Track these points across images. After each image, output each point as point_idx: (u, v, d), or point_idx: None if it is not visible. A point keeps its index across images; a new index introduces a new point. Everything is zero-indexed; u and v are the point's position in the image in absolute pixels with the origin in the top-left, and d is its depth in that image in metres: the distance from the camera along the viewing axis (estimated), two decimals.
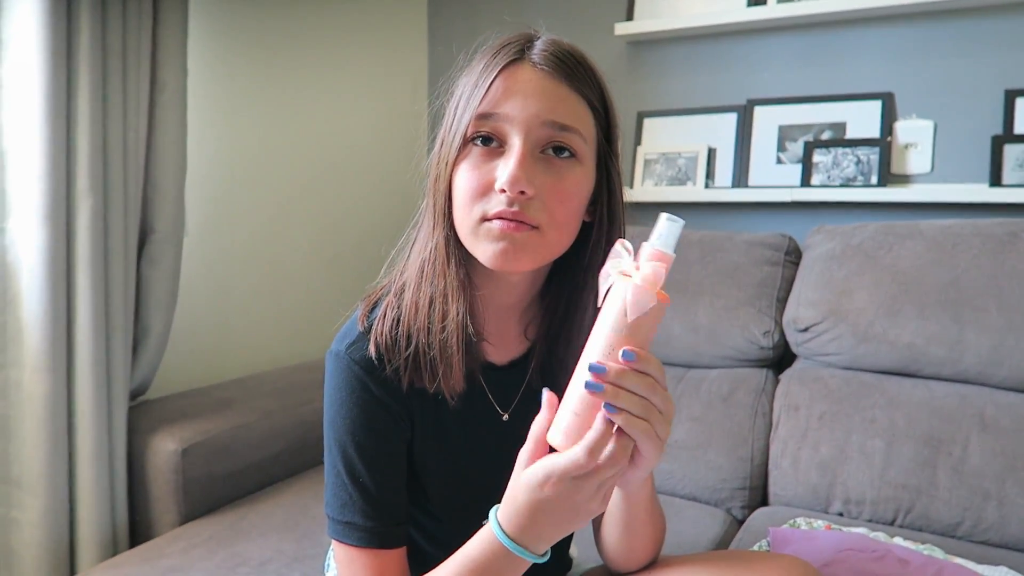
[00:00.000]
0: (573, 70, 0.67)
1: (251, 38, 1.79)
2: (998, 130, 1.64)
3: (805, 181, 1.78)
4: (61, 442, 1.30)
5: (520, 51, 0.68)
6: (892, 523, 1.30)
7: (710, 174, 1.92)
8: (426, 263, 0.71)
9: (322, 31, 1.97)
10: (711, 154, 1.92)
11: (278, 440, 1.52)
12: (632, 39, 2.00)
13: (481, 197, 0.66)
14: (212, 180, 1.71)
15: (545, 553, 0.65)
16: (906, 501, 1.29)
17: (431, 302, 0.71)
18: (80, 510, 1.33)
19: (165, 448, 1.36)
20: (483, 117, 0.66)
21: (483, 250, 0.67)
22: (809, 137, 1.82)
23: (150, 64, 1.42)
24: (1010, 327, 1.32)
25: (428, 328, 0.71)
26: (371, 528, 0.73)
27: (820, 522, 1.26)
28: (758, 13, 1.80)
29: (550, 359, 0.79)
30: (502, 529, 0.64)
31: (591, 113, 0.69)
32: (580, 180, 0.68)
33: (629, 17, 1.99)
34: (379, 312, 0.74)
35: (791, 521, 1.27)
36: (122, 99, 1.36)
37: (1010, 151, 1.61)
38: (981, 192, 1.61)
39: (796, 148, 1.83)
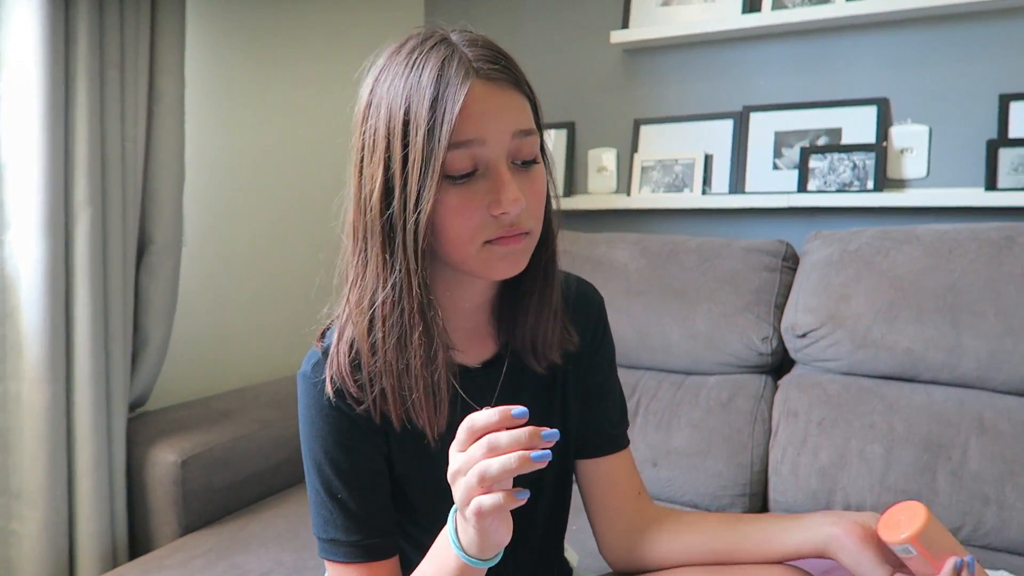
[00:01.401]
0: (511, 70, 0.66)
1: (248, 47, 1.79)
2: (993, 134, 1.65)
3: (802, 187, 1.79)
4: (60, 454, 1.30)
5: (468, 69, 0.63)
6: None
7: (707, 180, 1.93)
8: (387, 308, 0.67)
9: (319, 40, 1.98)
10: (708, 160, 1.93)
11: (278, 451, 1.52)
12: (628, 47, 2.00)
13: (480, 229, 0.65)
14: (210, 190, 1.71)
15: (490, 559, 0.64)
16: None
17: (401, 347, 0.68)
18: (79, 522, 1.33)
19: (164, 459, 1.36)
20: (456, 147, 0.62)
21: (486, 269, 0.68)
22: (805, 143, 1.82)
23: (148, 74, 1.42)
24: (1008, 331, 1.32)
25: (396, 372, 0.69)
26: (356, 542, 0.73)
27: None
28: (753, 20, 1.81)
29: (523, 351, 0.78)
30: (451, 518, 0.65)
31: (528, 104, 0.69)
32: (542, 173, 0.70)
33: (625, 25, 1.99)
34: (331, 354, 0.72)
35: None
36: (120, 109, 1.36)
37: (1005, 155, 1.61)
38: (977, 196, 1.61)
39: (792, 154, 1.84)
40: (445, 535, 0.65)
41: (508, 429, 0.57)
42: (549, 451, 0.56)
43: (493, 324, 0.79)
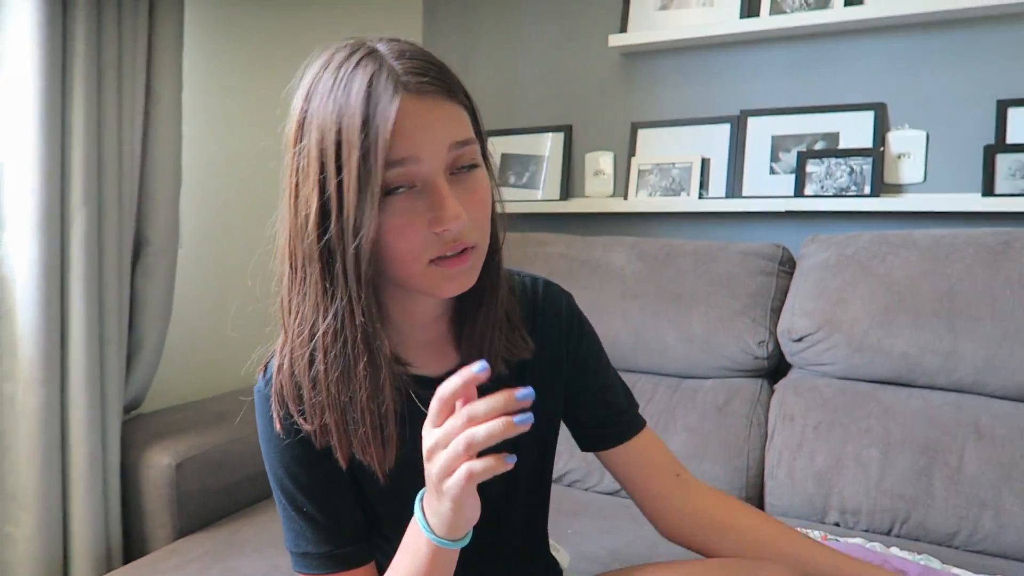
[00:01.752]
0: (443, 80, 0.63)
1: (246, 49, 1.79)
2: (990, 140, 1.65)
3: (799, 191, 1.79)
4: (55, 456, 1.30)
5: (397, 85, 0.60)
6: (888, 533, 1.30)
7: (704, 184, 1.93)
8: (329, 339, 0.65)
9: (317, 42, 1.98)
10: (705, 164, 1.93)
11: None
12: (626, 50, 2.01)
13: (423, 247, 0.63)
14: (207, 192, 1.71)
15: (461, 539, 0.64)
16: (902, 511, 1.29)
17: (345, 380, 0.66)
18: (74, 525, 1.32)
19: (159, 462, 1.36)
20: (391, 166, 0.60)
21: (434, 288, 0.66)
22: (802, 147, 1.82)
23: (145, 76, 1.42)
24: (1004, 336, 1.32)
25: (340, 405, 0.67)
26: (326, 553, 0.73)
27: (816, 532, 1.26)
28: (751, 25, 1.81)
29: (489, 352, 0.75)
30: (419, 504, 0.65)
31: (465, 111, 0.66)
32: (484, 180, 0.67)
33: (623, 29, 2.00)
34: (273, 388, 0.71)
35: None
36: (117, 111, 1.36)
37: (1002, 160, 1.62)
38: (974, 201, 1.62)
39: (789, 158, 1.84)
40: (415, 524, 0.65)
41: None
42: (531, 414, 0.56)
43: (453, 333, 0.77)
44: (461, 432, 0.56)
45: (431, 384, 0.74)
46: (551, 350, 0.82)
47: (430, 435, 0.59)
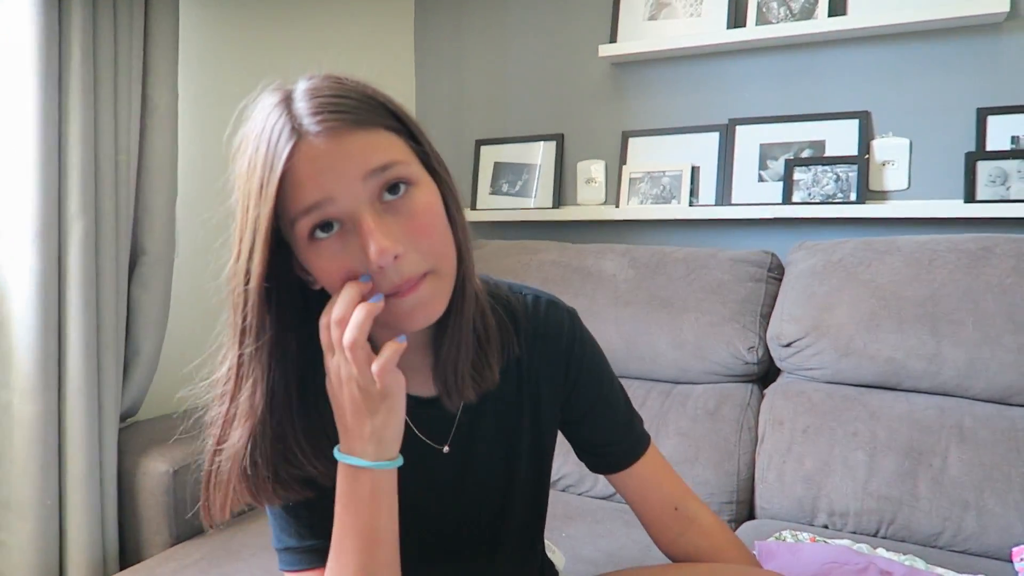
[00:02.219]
0: (350, 110, 0.61)
1: (241, 57, 1.81)
2: (971, 147, 1.69)
3: (786, 198, 1.82)
4: (51, 464, 1.31)
5: (292, 132, 0.60)
6: (875, 534, 1.32)
7: (694, 192, 1.96)
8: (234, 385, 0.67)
9: (311, 51, 2.00)
10: (695, 172, 1.96)
11: None
12: (616, 60, 2.04)
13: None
14: (203, 201, 1.72)
15: (396, 457, 0.66)
16: (888, 512, 1.31)
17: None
18: (70, 532, 1.33)
19: (156, 469, 1.37)
20: (306, 213, 0.60)
21: (402, 322, 0.64)
22: (789, 155, 1.86)
23: (141, 85, 1.44)
24: (985, 340, 1.35)
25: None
26: (309, 547, 0.73)
27: (805, 535, 1.28)
28: (738, 35, 1.85)
29: (455, 378, 0.73)
30: (339, 450, 0.66)
31: (392, 132, 0.63)
32: (428, 200, 0.64)
33: (613, 39, 2.03)
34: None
35: (777, 534, 1.29)
36: (113, 121, 1.37)
37: (983, 168, 1.65)
38: (956, 208, 1.65)
39: (777, 166, 1.87)
40: (342, 471, 0.66)
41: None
42: (379, 295, 0.61)
43: (439, 357, 0.74)
44: (340, 340, 0.61)
45: (423, 403, 0.75)
46: (550, 369, 0.81)
47: (334, 362, 0.63)
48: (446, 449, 0.78)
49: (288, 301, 0.67)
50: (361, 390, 0.62)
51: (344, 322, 0.60)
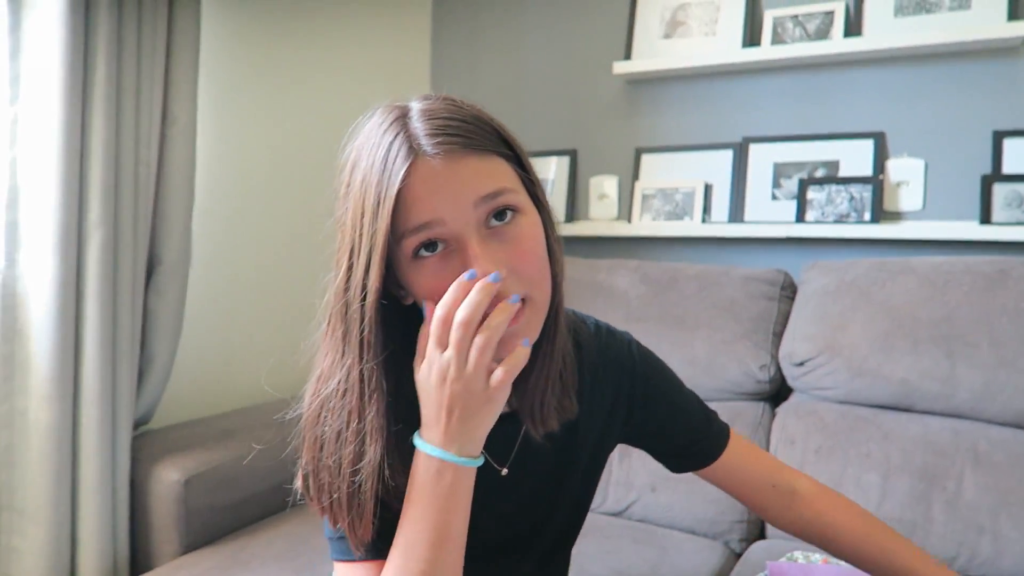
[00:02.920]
0: (466, 135, 0.62)
1: (259, 69, 1.83)
2: (987, 170, 1.68)
3: (800, 217, 1.82)
4: (65, 471, 1.31)
5: (409, 151, 0.61)
6: None
7: (707, 209, 1.96)
8: (336, 398, 0.67)
9: (329, 64, 2.02)
10: (708, 190, 1.96)
11: (280, 471, 1.53)
12: (631, 78, 2.05)
13: None
14: (219, 210, 1.74)
15: (478, 456, 0.65)
16: (902, 535, 1.30)
17: (335, 443, 0.67)
18: (82, 539, 1.34)
19: (168, 478, 1.37)
20: (415, 232, 0.61)
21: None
22: (803, 174, 1.86)
23: (162, 99, 1.46)
24: (1001, 363, 1.34)
25: (326, 467, 0.68)
26: (369, 539, 0.71)
27: (817, 555, 1.27)
28: (753, 55, 1.85)
29: (523, 415, 0.74)
30: (423, 440, 0.64)
31: (503, 159, 0.65)
32: (532, 229, 0.65)
33: (627, 56, 2.04)
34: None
35: (788, 554, 1.28)
36: (134, 133, 1.39)
37: (999, 190, 1.65)
38: (971, 230, 1.65)
39: (791, 185, 1.87)
40: (423, 466, 0.64)
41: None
42: (516, 296, 0.61)
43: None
44: (471, 338, 0.60)
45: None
46: (611, 393, 0.83)
47: (442, 358, 0.61)
48: (504, 471, 0.79)
49: (394, 314, 0.67)
50: (468, 391, 0.61)
51: (472, 323, 0.59)
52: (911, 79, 1.77)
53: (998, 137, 1.68)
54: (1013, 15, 1.63)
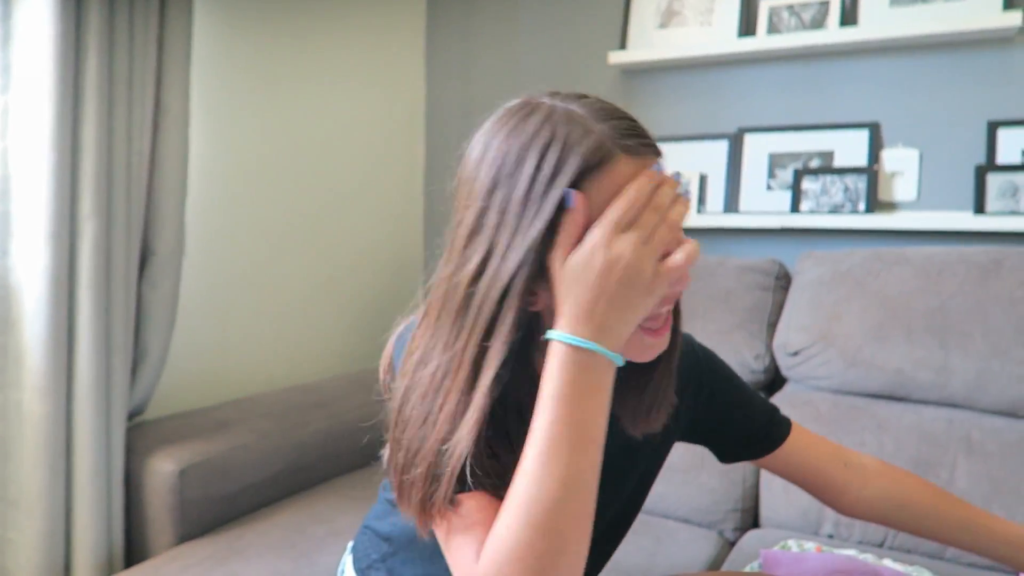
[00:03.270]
0: (651, 138, 0.65)
1: (252, 59, 1.82)
2: (981, 160, 1.69)
3: (795, 207, 1.82)
4: (59, 463, 1.31)
5: (612, 143, 0.61)
6: (881, 545, 1.32)
7: (702, 199, 1.96)
8: (439, 377, 0.64)
9: (322, 55, 2.01)
10: (703, 180, 1.96)
11: (275, 461, 1.53)
12: (626, 68, 2.04)
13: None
14: (212, 201, 1.73)
15: (620, 353, 0.61)
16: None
17: (428, 424, 0.65)
18: (76, 531, 1.34)
19: (163, 469, 1.37)
20: None
21: (636, 354, 0.66)
22: (798, 165, 1.86)
23: (154, 89, 1.45)
24: (994, 352, 1.35)
25: (409, 445, 0.66)
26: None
27: (811, 544, 1.28)
28: (748, 45, 1.85)
29: (625, 415, 0.75)
30: (567, 334, 0.60)
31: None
32: None
33: (622, 46, 2.03)
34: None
35: (782, 543, 1.28)
36: (127, 123, 1.38)
37: (993, 180, 1.65)
38: (965, 220, 1.65)
39: (786, 175, 1.87)
40: (560, 359, 0.59)
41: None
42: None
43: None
44: (657, 224, 0.60)
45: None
46: (680, 389, 0.82)
47: (618, 240, 0.59)
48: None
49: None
50: (636, 279, 0.59)
51: (662, 209, 0.60)
52: (906, 69, 1.77)
53: (992, 127, 1.68)
54: (1008, 5, 1.63)
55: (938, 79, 1.74)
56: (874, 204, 1.75)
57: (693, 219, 1.92)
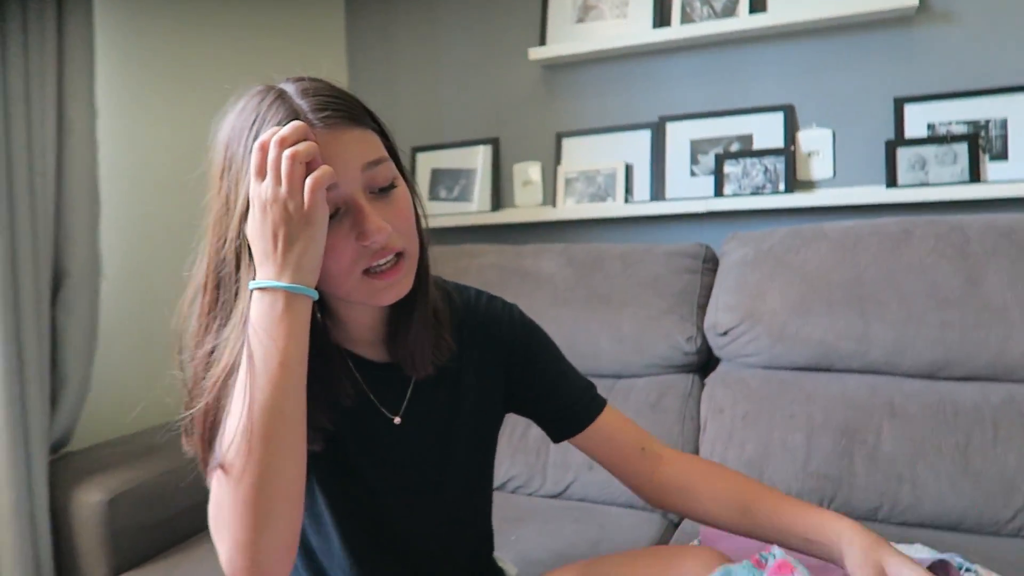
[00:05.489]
0: (346, 108, 0.69)
1: (163, 70, 1.77)
2: (890, 135, 1.75)
3: (718, 191, 1.86)
4: None
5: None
6: None
7: (629, 189, 1.98)
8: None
9: (240, 58, 1.96)
10: (628, 170, 1.99)
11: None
12: (547, 63, 2.05)
13: (354, 261, 0.69)
14: (130, 219, 1.67)
15: (312, 287, 0.67)
16: (829, 490, 1.35)
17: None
18: (2, 571, 1.27)
19: (89, 499, 1.32)
20: None
21: (371, 298, 0.72)
22: (719, 149, 1.90)
23: (56, 106, 1.39)
24: (910, 318, 1.40)
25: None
26: None
27: None
28: (663, 35, 1.88)
29: (403, 361, 0.82)
30: (255, 280, 0.66)
31: (375, 133, 0.72)
32: (404, 194, 0.73)
33: (542, 42, 2.04)
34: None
35: None
36: (26, 141, 1.33)
37: (903, 154, 1.71)
38: (879, 194, 1.71)
39: (708, 160, 1.91)
40: (257, 302, 0.65)
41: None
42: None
43: (387, 335, 0.83)
44: (285, 160, 0.63)
45: (378, 367, 0.81)
46: (492, 358, 0.89)
47: (260, 187, 0.64)
48: (398, 420, 0.83)
49: None
50: (287, 215, 0.63)
51: (287, 142, 0.63)
52: (815, 52, 1.82)
53: (899, 103, 1.74)
54: None
55: (846, 60, 1.80)
56: (793, 184, 1.80)
57: (621, 209, 1.94)
